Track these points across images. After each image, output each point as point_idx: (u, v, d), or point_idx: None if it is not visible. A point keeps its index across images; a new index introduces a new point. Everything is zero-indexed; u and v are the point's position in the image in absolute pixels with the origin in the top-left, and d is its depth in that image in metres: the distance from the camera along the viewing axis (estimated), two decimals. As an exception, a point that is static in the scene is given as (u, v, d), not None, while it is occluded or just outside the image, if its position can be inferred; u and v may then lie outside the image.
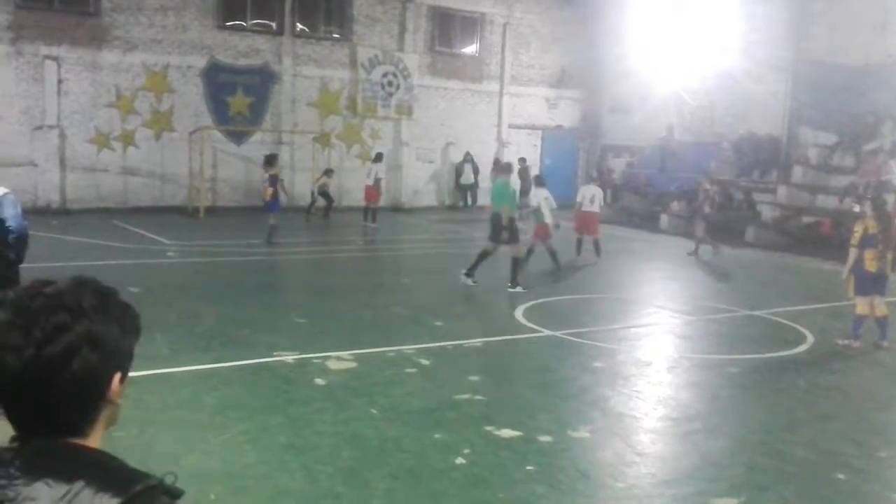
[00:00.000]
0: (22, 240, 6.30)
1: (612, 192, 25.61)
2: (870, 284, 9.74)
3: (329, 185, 21.71)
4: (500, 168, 13.88)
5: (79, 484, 1.26)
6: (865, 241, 9.70)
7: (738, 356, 9.23)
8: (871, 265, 9.67)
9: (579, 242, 16.12)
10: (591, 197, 16.23)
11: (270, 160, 16.71)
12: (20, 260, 6.35)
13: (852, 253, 9.81)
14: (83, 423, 1.39)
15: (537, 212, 14.44)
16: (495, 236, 12.85)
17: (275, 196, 16.21)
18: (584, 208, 16.16)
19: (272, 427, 6.33)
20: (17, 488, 1.27)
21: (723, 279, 15.14)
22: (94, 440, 1.41)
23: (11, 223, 6.20)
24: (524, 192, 25.41)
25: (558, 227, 14.34)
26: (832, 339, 10.12)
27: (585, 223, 16.10)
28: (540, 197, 14.50)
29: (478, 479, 5.48)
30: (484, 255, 12.85)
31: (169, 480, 1.36)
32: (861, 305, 9.82)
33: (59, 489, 1.26)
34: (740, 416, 7.28)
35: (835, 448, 6.50)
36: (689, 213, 18.07)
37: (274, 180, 16.28)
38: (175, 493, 1.37)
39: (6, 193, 6.31)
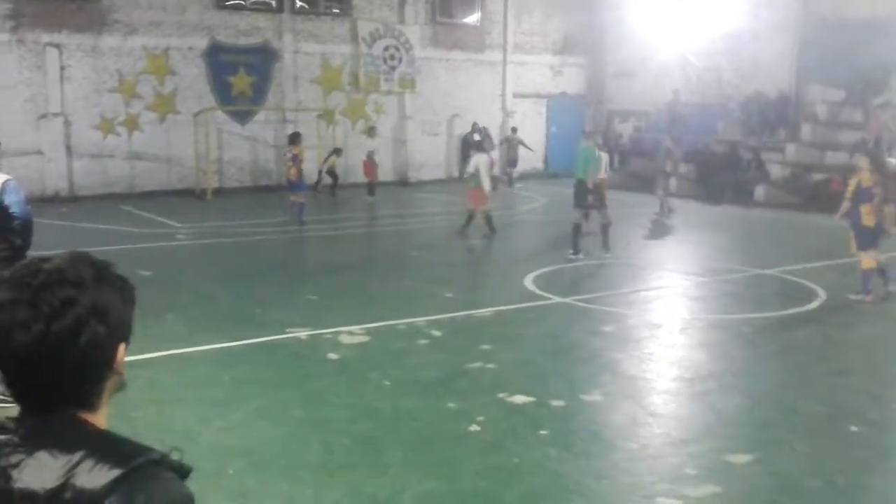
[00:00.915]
0: (27, 225, 6.33)
1: (619, 157, 25.45)
2: (871, 238, 9.78)
3: (337, 164, 21.66)
4: (586, 135, 14.03)
5: (79, 454, 1.27)
6: (860, 196, 9.80)
7: (750, 315, 9.23)
8: (868, 220, 9.74)
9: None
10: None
11: (294, 139, 16.46)
12: (27, 246, 6.38)
13: (844, 205, 10.05)
14: (92, 395, 1.39)
15: (475, 177, 14.52)
16: (581, 203, 12.90)
17: (299, 175, 16.14)
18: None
19: (288, 402, 6.39)
20: (20, 456, 1.27)
21: (734, 239, 15.08)
22: (102, 412, 1.41)
23: (15, 209, 6.23)
24: (512, 161, 25.39)
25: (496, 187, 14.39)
26: (844, 295, 10.10)
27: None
28: (479, 162, 14.64)
29: (492, 446, 5.53)
30: (577, 229, 12.80)
31: (175, 456, 1.35)
32: (866, 260, 9.84)
33: (62, 459, 1.26)
34: (754, 374, 7.29)
35: (849, 402, 6.51)
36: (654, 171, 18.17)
37: (296, 159, 16.13)
38: (182, 470, 1.35)
39: (7, 180, 6.32)
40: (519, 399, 6.41)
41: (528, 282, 10.86)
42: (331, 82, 23.60)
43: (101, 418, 1.40)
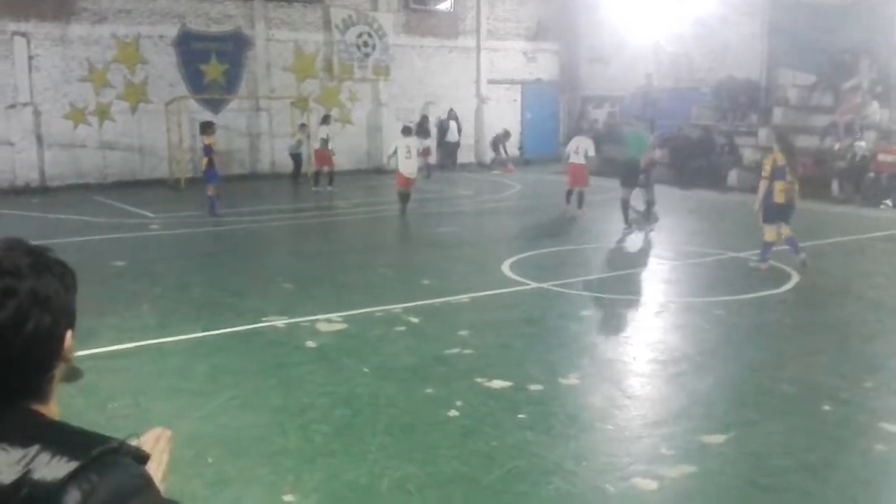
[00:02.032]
0: None
1: (594, 143, 25.49)
2: (777, 214, 10.52)
3: (304, 141, 21.28)
4: (631, 120, 16.16)
5: (35, 448, 1.22)
6: (776, 174, 10.50)
7: (724, 298, 9.33)
8: (779, 196, 10.45)
9: (568, 194, 15.95)
10: (575, 148, 15.97)
11: (205, 128, 15.95)
12: None
13: (763, 185, 10.66)
14: (41, 385, 1.34)
15: (394, 158, 15.61)
16: (630, 182, 13.99)
17: (210, 165, 15.55)
18: (570, 160, 15.95)
19: (265, 390, 6.38)
20: None
21: (707, 223, 15.21)
22: (53, 401, 1.37)
23: None
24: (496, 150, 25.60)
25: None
26: (816, 277, 10.24)
27: (573, 176, 15.90)
28: (400, 145, 15.58)
29: (471, 430, 5.56)
30: (626, 205, 14.05)
31: (133, 442, 1.32)
32: (769, 233, 10.59)
33: (16, 454, 1.22)
34: (727, 355, 7.38)
35: (821, 381, 6.61)
36: None
37: (209, 150, 15.54)
38: (140, 457, 1.33)
39: None
40: (497, 384, 6.44)
41: (506, 268, 10.90)
42: (304, 70, 23.44)
43: (53, 408, 1.37)
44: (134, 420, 5.69)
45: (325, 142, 20.37)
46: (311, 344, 7.57)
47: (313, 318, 8.38)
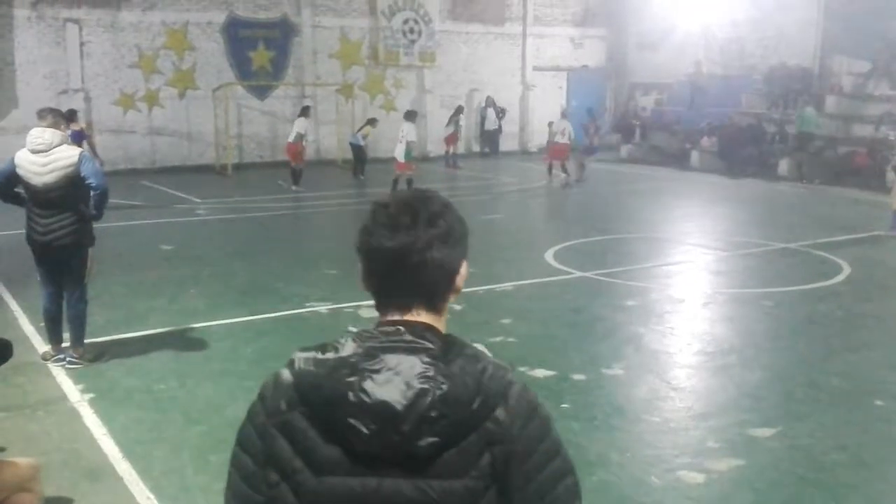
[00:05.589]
0: (104, 195, 6.39)
1: (640, 131, 25.22)
2: None
3: (370, 135, 20.18)
4: None
5: (482, 363, 1.49)
6: None
7: (773, 289, 9.15)
8: None
9: (550, 168, 18.60)
10: (562, 130, 18.39)
11: (71, 115, 14.00)
12: (99, 216, 6.47)
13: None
14: (441, 301, 1.58)
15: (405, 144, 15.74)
16: None
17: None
18: (556, 139, 18.48)
19: (309, 375, 6.40)
20: (444, 368, 1.47)
21: (757, 214, 14.94)
22: (443, 320, 1.60)
23: (93, 180, 6.30)
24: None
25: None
26: (869, 268, 10.00)
27: (554, 153, 18.55)
28: (402, 131, 15.87)
29: (514, 419, 5.51)
30: None
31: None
32: None
33: (471, 369, 1.48)
34: (776, 348, 7.24)
35: (872, 376, 6.46)
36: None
37: (79, 136, 14.29)
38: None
39: (82, 152, 6.44)
40: (540, 373, 6.40)
41: (549, 256, 10.82)
42: (350, 57, 23.48)
43: (443, 323, 1.59)
44: (182, 402, 5.77)
45: (301, 136, 17.94)
46: (354, 330, 7.57)
47: (356, 304, 8.39)
